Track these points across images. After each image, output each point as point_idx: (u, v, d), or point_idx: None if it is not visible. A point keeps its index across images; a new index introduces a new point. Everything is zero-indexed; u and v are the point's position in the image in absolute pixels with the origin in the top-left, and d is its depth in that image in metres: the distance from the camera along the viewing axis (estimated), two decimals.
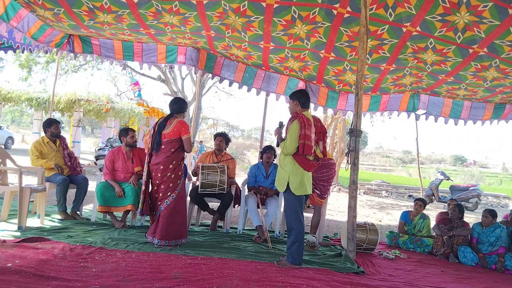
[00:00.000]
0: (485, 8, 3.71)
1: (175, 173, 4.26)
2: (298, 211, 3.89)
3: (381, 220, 8.95)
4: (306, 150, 3.76)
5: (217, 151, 5.75)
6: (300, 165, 3.82)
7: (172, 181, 4.24)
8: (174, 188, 4.25)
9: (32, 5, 4.53)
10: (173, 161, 4.25)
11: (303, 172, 3.85)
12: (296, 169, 3.83)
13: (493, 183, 29.77)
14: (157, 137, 4.28)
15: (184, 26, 4.89)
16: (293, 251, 3.86)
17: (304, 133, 3.75)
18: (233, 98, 44.55)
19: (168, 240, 4.17)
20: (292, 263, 3.86)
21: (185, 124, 4.29)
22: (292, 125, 3.82)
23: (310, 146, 3.79)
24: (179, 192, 4.28)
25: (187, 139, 4.24)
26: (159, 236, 4.17)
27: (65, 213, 5.17)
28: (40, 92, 17.29)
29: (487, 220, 5.17)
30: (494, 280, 4.45)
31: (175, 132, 4.24)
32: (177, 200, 4.25)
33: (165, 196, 4.22)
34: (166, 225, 4.18)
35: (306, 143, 3.75)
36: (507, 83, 5.18)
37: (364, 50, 4.31)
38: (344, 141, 16.91)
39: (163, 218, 4.20)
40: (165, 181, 4.23)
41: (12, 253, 3.28)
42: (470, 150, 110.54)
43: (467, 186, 13.92)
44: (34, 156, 5.17)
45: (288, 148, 3.80)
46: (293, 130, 3.77)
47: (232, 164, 5.68)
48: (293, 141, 3.76)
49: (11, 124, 43.83)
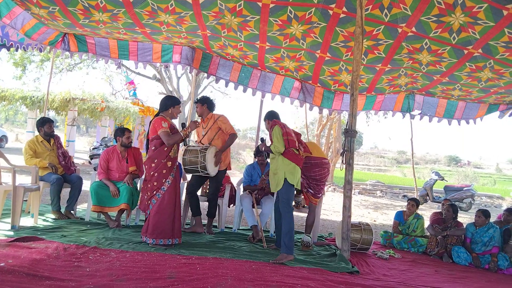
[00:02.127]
0: (480, 9, 3.74)
1: (158, 171, 4.23)
2: (290, 203, 4.32)
3: (376, 220, 8.98)
4: (291, 144, 4.27)
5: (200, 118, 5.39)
6: (291, 159, 4.24)
7: (156, 179, 4.22)
8: (160, 187, 4.23)
9: (27, 3, 4.49)
10: (155, 159, 4.25)
11: (294, 166, 4.26)
12: (288, 165, 4.24)
13: (487, 184, 29.95)
14: (146, 139, 4.44)
15: (179, 26, 4.88)
16: (287, 241, 4.16)
17: (285, 131, 4.32)
18: (229, 97, 44.50)
19: (157, 239, 4.15)
20: (288, 253, 4.12)
21: (158, 120, 4.28)
22: (274, 130, 4.34)
23: (293, 140, 4.31)
24: (166, 190, 4.24)
25: (161, 133, 4.21)
26: (148, 234, 4.18)
27: (59, 213, 5.14)
28: (35, 90, 17.18)
29: (480, 220, 5.20)
30: (487, 279, 4.48)
31: (152, 130, 4.29)
32: (163, 199, 4.21)
33: (152, 195, 4.23)
34: (153, 223, 4.17)
35: (290, 138, 4.29)
36: (502, 84, 5.21)
37: (359, 51, 4.32)
38: (339, 141, 16.95)
39: (151, 217, 4.21)
40: (150, 179, 4.25)
41: (5, 253, 3.26)
42: (465, 151, 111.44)
43: (461, 186, 14.00)
44: (28, 155, 5.13)
45: (277, 147, 4.25)
46: (277, 132, 4.30)
47: (222, 122, 5.17)
48: (279, 140, 4.26)
49: (5, 122, 43.41)
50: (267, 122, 4.67)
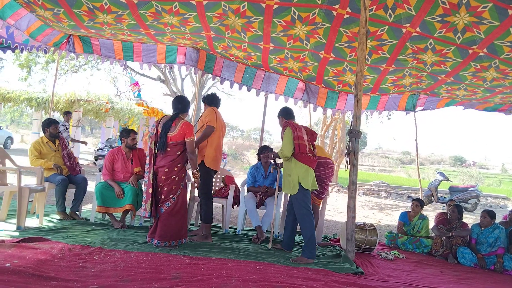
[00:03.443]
0: (485, 9, 3.72)
1: (179, 175, 4.25)
2: (309, 207, 4.29)
3: (380, 221, 8.95)
4: (301, 148, 4.26)
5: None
6: (304, 162, 4.26)
7: (175, 183, 4.23)
8: (177, 190, 4.24)
9: (32, 5, 4.52)
10: (178, 164, 4.23)
11: (307, 169, 4.28)
12: (301, 168, 4.25)
13: (492, 184, 29.79)
14: (163, 138, 4.19)
15: (183, 27, 4.89)
16: (309, 245, 4.20)
17: (297, 135, 4.29)
18: (233, 98, 44.44)
19: (168, 241, 4.17)
20: (309, 258, 4.18)
21: (190, 126, 4.24)
22: (285, 132, 4.35)
23: (304, 144, 4.29)
24: (181, 193, 4.28)
25: (190, 142, 4.19)
26: (158, 237, 4.16)
27: (64, 213, 5.16)
28: (40, 92, 17.29)
29: (485, 221, 5.17)
30: (492, 280, 4.46)
31: (181, 135, 4.19)
32: (178, 202, 4.24)
33: (167, 198, 4.21)
34: (166, 226, 4.17)
35: (301, 143, 4.27)
36: (507, 84, 5.18)
37: (363, 51, 4.31)
38: (343, 141, 16.92)
39: (163, 219, 4.19)
40: (168, 183, 4.21)
41: (10, 253, 3.27)
42: (469, 151, 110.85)
43: (466, 187, 13.93)
44: (33, 156, 5.16)
45: (283, 151, 4.29)
46: (287, 135, 4.31)
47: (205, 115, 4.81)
48: (287, 144, 4.28)
49: (10, 124, 43.77)
50: (281, 119, 4.65)
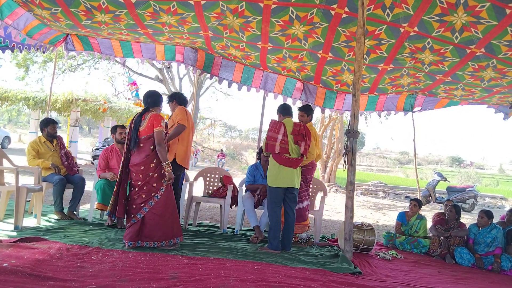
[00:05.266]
0: (483, 8, 3.72)
1: (157, 171, 3.98)
2: (274, 203, 4.51)
3: (378, 221, 8.97)
4: (269, 148, 4.51)
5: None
6: (276, 161, 4.49)
7: (155, 181, 3.98)
8: (158, 188, 3.99)
9: (29, 5, 4.51)
10: (154, 159, 3.97)
11: (279, 167, 4.46)
12: (273, 165, 4.52)
13: (489, 184, 29.91)
14: (133, 135, 3.98)
15: (182, 27, 4.89)
16: (270, 237, 4.47)
17: (268, 134, 4.52)
18: (231, 98, 44.46)
19: (157, 242, 3.98)
20: (271, 249, 4.42)
21: (158, 117, 3.98)
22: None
23: (272, 145, 4.49)
24: (165, 191, 4.03)
25: (158, 132, 3.90)
26: (145, 238, 3.95)
27: (61, 213, 5.15)
28: (37, 91, 17.25)
29: (483, 221, 5.19)
30: (490, 281, 4.47)
31: (150, 127, 3.94)
32: (163, 200, 4.00)
33: (149, 197, 3.96)
34: (152, 226, 3.96)
35: (269, 143, 4.50)
36: (504, 83, 5.19)
37: (361, 51, 4.31)
38: (341, 141, 16.94)
39: (149, 220, 3.96)
40: (147, 181, 3.96)
41: (8, 253, 3.26)
42: (467, 152, 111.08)
43: (464, 187, 13.98)
44: (31, 156, 5.15)
45: (263, 147, 4.66)
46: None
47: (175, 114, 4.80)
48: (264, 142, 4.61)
49: (8, 123, 43.65)
50: (279, 115, 4.81)
